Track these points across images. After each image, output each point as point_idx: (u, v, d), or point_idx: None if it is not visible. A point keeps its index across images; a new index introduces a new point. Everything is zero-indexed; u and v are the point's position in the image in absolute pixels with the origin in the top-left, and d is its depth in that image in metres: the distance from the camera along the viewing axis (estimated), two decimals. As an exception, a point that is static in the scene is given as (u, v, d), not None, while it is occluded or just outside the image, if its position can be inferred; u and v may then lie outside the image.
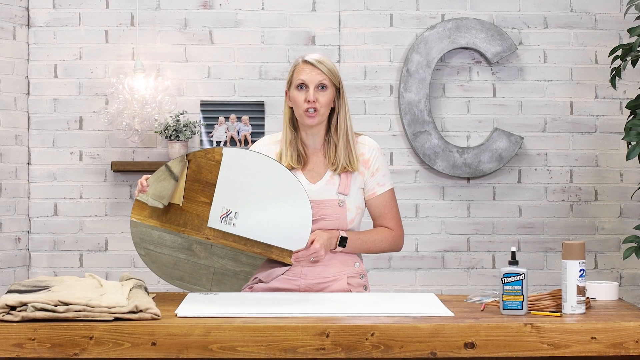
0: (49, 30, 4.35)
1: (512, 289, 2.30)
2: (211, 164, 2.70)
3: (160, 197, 2.72)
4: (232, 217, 2.68)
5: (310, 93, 2.70)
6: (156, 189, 2.71)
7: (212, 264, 2.80)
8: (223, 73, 4.38)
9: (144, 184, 2.66)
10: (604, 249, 4.41)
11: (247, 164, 2.68)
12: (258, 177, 2.67)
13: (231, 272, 2.80)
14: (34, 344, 2.15)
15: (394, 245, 2.84)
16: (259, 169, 2.67)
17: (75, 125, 4.36)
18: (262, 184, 2.66)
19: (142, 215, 2.73)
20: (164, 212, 2.73)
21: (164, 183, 2.71)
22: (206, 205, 2.70)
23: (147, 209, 2.73)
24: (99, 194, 4.35)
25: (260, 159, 2.68)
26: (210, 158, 2.70)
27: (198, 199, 2.71)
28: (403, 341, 2.16)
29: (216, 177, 2.69)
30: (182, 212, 2.72)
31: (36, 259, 4.35)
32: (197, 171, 2.71)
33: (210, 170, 2.70)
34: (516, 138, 4.34)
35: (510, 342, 2.17)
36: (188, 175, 2.71)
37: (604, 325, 2.19)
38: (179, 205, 2.72)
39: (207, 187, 2.70)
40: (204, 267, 2.79)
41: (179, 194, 2.72)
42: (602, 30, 4.41)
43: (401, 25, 4.40)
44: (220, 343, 2.15)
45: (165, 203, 2.72)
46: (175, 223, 2.72)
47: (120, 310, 2.21)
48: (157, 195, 2.71)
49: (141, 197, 2.72)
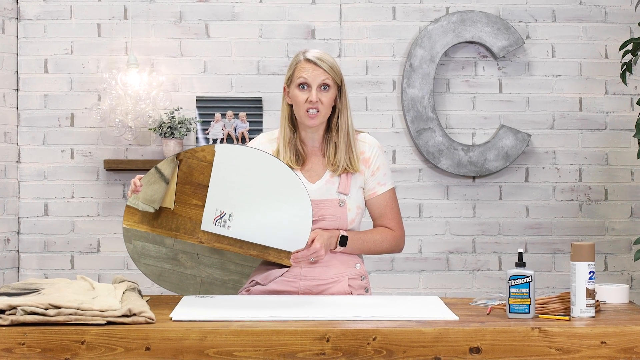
0: (39, 23, 4.35)
1: (519, 292, 2.30)
2: (203, 164, 2.68)
3: (151, 201, 2.70)
4: (226, 219, 2.67)
5: (313, 94, 2.70)
6: (147, 192, 2.69)
7: (199, 273, 2.79)
8: (219, 68, 4.38)
9: (137, 183, 2.65)
10: (614, 251, 4.41)
11: (240, 162, 2.66)
12: (253, 176, 2.65)
13: (219, 281, 2.79)
14: (23, 348, 2.15)
15: (395, 246, 2.84)
16: (254, 166, 2.65)
17: (67, 122, 4.36)
18: (257, 182, 2.65)
19: (132, 220, 2.72)
20: (155, 216, 2.71)
21: (155, 186, 2.69)
22: (199, 207, 2.68)
23: (137, 214, 2.72)
24: (90, 193, 4.35)
25: (256, 155, 2.66)
26: (201, 159, 2.68)
27: (190, 202, 2.69)
28: (406, 346, 2.16)
29: (208, 179, 2.67)
30: (174, 216, 2.70)
31: (26, 260, 4.35)
32: (188, 173, 2.69)
33: (202, 172, 2.68)
34: (523, 135, 4.34)
35: (517, 346, 2.17)
36: (179, 177, 2.69)
37: (614, 329, 2.19)
38: (170, 209, 2.70)
39: (199, 189, 2.68)
40: (190, 277, 2.78)
41: (170, 197, 2.70)
42: (612, 23, 4.41)
43: (404, 18, 4.40)
44: (217, 348, 2.15)
45: (157, 207, 2.70)
46: (167, 227, 2.71)
47: (113, 313, 2.21)
48: (147, 199, 2.69)
49: (130, 202, 2.71)
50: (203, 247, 2.76)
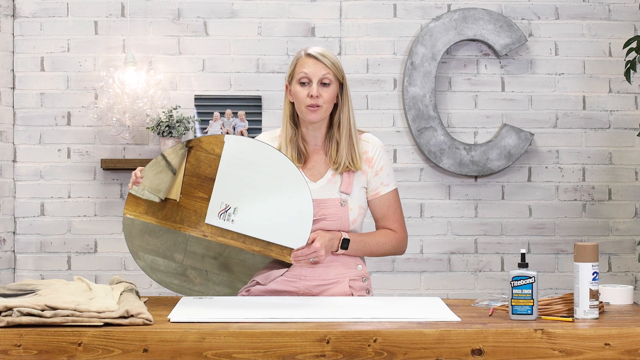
0: (36, 21, 4.35)
1: (521, 293, 2.30)
2: (211, 157, 2.69)
3: (157, 191, 2.69)
4: (230, 213, 2.67)
5: (313, 88, 2.70)
6: (153, 181, 2.68)
7: (207, 291, 2.79)
8: (218, 66, 4.37)
9: (138, 174, 2.65)
10: (618, 251, 4.41)
11: (248, 155, 2.66)
12: (259, 170, 2.65)
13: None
14: (19, 350, 2.15)
15: (397, 248, 2.84)
16: (261, 160, 2.65)
17: (63, 121, 4.36)
18: (262, 177, 2.65)
19: (136, 211, 2.71)
20: (160, 208, 2.72)
21: (161, 175, 2.69)
22: (204, 200, 2.69)
23: (143, 204, 2.71)
24: (88, 193, 4.35)
25: (263, 149, 2.66)
26: (210, 152, 2.69)
27: (196, 195, 2.70)
28: (407, 347, 2.16)
29: (215, 171, 2.68)
30: (179, 208, 2.71)
31: (22, 261, 4.35)
32: (196, 165, 2.70)
33: (209, 164, 2.69)
34: (526, 134, 4.34)
35: (519, 348, 2.17)
36: (186, 169, 2.70)
37: (618, 330, 2.19)
38: (175, 201, 2.71)
39: (206, 182, 2.69)
40: (198, 294, 2.78)
41: (177, 189, 2.71)
42: (616, 21, 4.41)
43: (405, 15, 4.40)
44: (216, 349, 2.15)
45: (162, 197, 2.70)
46: (172, 220, 2.71)
47: (111, 315, 2.21)
48: (153, 188, 2.69)
49: (135, 190, 2.69)
50: (212, 264, 2.77)
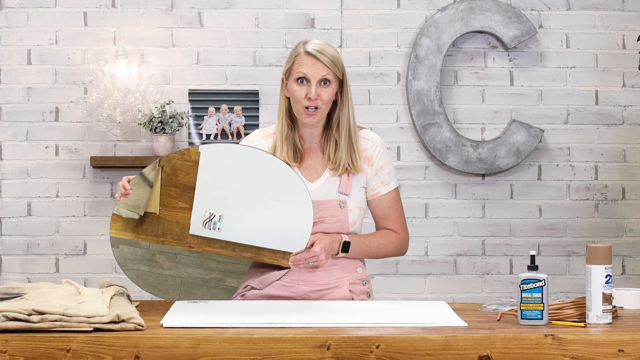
0: (22, 12, 4.35)
1: (531, 297, 2.31)
2: (188, 164, 2.66)
3: (135, 207, 2.68)
4: (216, 222, 2.66)
5: (312, 90, 2.69)
6: (130, 198, 2.68)
7: (178, 274, 2.78)
8: (213, 59, 4.38)
9: (127, 186, 2.62)
10: (633, 253, 4.42)
11: (229, 160, 2.65)
12: (244, 175, 2.63)
13: (200, 280, 2.78)
14: (5, 356, 2.15)
15: (399, 249, 2.84)
16: (245, 165, 2.63)
17: (51, 117, 4.36)
18: (249, 181, 2.64)
19: (114, 227, 2.71)
20: (140, 222, 2.70)
21: (139, 191, 2.68)
22: (186, 210, 2.67)
23: (121, 220, 2.70)
24: (76, 192, 4.36)
25: (246, 152, 2.65)
26: (186, 159, 2.67)
27: (176, 205, 2.68)
28: (411, 354, 2.16)
29: (194, 179, 2.66)
30: (159, 220, 2.69)
31: (7, 263, 4.35)
32: (172, 174, 2.67)
33: (187, 172, 2.66)
34: (536, 131, 4.35)
35: (529, 354, 2.17)
36: (163, 179, 2.67)
37: (633, 336, 2.19)
38: (155, 214, 2.69)
39: (186, 191, 2.67)
40: (169, 279, 2.77)
41: (155, 201, 2.69)
42: (630, 12, 4.41)
43: (409, 6, 4.40)
44: (210, 356, 2.15)
45: (141, 213, 2.69)
46: (153, 234, 2.70)
47: (101, 320, 2.21)
48: (131, 205, 2.68)
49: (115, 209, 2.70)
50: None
